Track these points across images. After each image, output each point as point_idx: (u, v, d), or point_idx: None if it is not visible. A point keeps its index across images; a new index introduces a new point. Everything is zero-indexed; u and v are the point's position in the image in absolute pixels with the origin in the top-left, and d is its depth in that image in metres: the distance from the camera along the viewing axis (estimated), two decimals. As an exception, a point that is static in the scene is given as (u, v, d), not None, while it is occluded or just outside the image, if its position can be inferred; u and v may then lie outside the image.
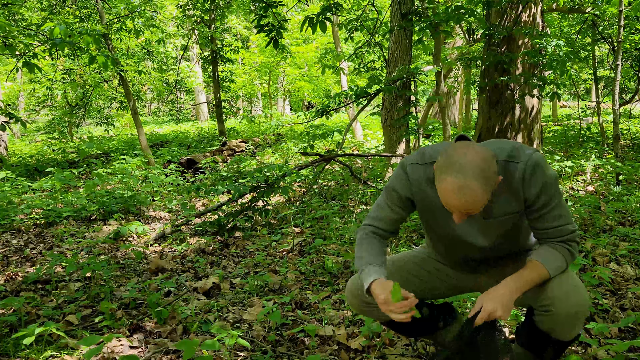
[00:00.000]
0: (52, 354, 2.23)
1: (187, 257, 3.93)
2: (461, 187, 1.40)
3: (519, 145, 1.58)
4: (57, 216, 5.05)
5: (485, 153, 1.43)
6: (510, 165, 1.55)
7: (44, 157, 10.44)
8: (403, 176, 1.69)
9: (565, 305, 1.54)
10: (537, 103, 5.95)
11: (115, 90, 11.95)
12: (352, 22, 6.69)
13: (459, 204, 1.42)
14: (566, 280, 1.57)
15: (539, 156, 1.55)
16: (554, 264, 1.57)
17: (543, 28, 5.91)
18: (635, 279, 2.90)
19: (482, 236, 1.67)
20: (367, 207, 4.91)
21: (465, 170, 1.40)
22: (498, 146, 1.59)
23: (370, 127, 13.72)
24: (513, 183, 1.56)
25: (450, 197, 1.42)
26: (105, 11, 9.13)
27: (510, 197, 1.58)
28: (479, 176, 1.40)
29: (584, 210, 4.12)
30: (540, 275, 1.56)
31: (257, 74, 18.08)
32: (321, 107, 5.69)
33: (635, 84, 9.02)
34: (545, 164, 1.55)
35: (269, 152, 9.78)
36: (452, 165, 1.42)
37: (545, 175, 1.53)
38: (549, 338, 1.62)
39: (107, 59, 4.50)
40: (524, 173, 1.53)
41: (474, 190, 1.40)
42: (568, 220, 1.59)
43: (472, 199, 1.40)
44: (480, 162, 1.41)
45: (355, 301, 1.89)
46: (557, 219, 1.58)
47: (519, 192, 1.56)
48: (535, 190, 1.54)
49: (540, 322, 1.61)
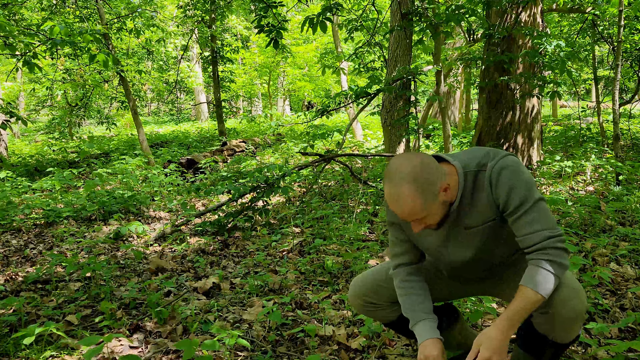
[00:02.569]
0: (52, 354, 2.23)
1: (187, 257, 3.93)
2: (392, 194, 1.46)
3: (492, 151, 1.57)
4: (57, 216, 5.05)
5: (423, 159, 1.48)
6: (480, 174, 1.56)
7: (44, 157, 10.44)
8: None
9: (563, 307, 1.53)
10: (537, 103, 5.95)
11: (115, 90, 11.96)
12: (352, 22, 6.69)
13: (399, 211, 1.48)
14: (565, 283, 1.54)
15: (510, 160, 1.53)
16: (546, 285, 1.46)
17: (543, 28, 5.91)
18: (635, 279, 2.90)
19: (463, 248, 1.67)
20: (367, 207, 4.91)
21: (395, 178, 1.46)
22: (470, 156, 1.59)
23: (370, 127, 13.72)
24: (484, 190, 1.56)
25: (390, 205, 1.48)
26: (105, 11, 9.13)
27: (485, 205, 1.57)
28: (410, 182, 1.44)
29: (584, 210, 4.12)
30: (533, 301, 1.47)
31: (257, 74, 18.08)
32: (321, 107, 5.69)
33: (635, 84, 9.02)
34: (516, 167, 1.52)
35: (269, 152, 9.78)
36: (387, 175, 1.49)
37: (513, 177, 1.50)
38: (547, 340, 1.62)
39: (108, 57, 4.50)
40: (490, 178, 1.53)
41: (406, 196, 1.44)
42: (546, 225, 1.49)
43: (406, 205, 1.45)
44: (411, 168, 1.45)
45: (358, 301, 1.89)
46: (532, 223, 1.49)
47: (489, 198, 1.56)
48: (502, 193, 1.51)
49: (538, 324, 1.61)
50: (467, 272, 1.76)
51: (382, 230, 4.15)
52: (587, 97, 20.57)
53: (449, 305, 2.01)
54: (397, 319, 1.92)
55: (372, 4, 6.67)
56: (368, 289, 1.87)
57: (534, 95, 5.70)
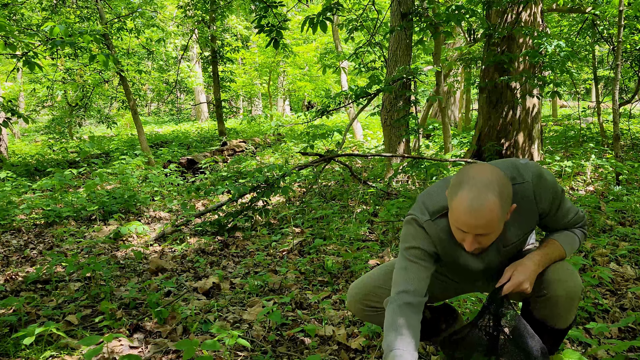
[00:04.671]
0: (52, 354, 2.23)
1: (187, 257, 3.93)
2: (474, 200, 1.34)
3: (513, 164, 1.56)
4: (57, 216, 5.05)
5: (501, 173, 1.42)
6: (516, 187, 1.53)
7: (44, 157, 10.44)
8: (422, 233, 1.59)
9: (559, 287, 1.57)
10: (537, 102, 5.95)
11: (115, 90, 11.96)
12: (352, 22, 6.69)
13: (473, 220, 1.36)
14: (560, 266, 1.61)
15: (537, 167, 1.56)
16: (570, 247, 1.65)
17: (543, 28, 5.91)
18: (635, 279, 2.90)
19: (497, 264, 1.67)
20: (367, 207, 4.91)
21: (478, 185, 1.36)
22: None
23: (370, 127, 13.72)
24: (524, 204, 1.54)
25: (464, 213, 1.36)
26: (106, 11, 9.13)
27: (523, 219, 1.58)
28: (495, 191, 1.36)
29: (584, 210, 4.12)
30: (560, 254, 1.62)
31: (257, 73, 18.08)
32: (321, 107, 5.69)
33: (635, 84, 9.02)
34: (544, 170, 1.56)
35: (269, 152, 9.78)
36: (467, 181, 1.38)
37: (549, 182, 1.55)
38: (546, 326, 1.65)
39: (108, 58, 4.50)
40: (534, 191, 1.53)
41: (489, 205, 1.34)
42: (575, 208, 1.67)
43: (485, 215, 1.34)
44: (496, 178, 1.38)
45: (358, 306, 1.89)
46: (568, 212, 1.65)
47: (532, 210, 1.56)
48: (547, 200, 1.56)
49: (535, 309, 1.64)
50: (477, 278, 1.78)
51: (382, 230, 4.15)
52: (587, 97, 20.58)
53: (447, 306, 2.01)
54: None
55: (372, 4, 6.68)
56: (367, 293, 1.87)
57: (534, 95, 5.70)
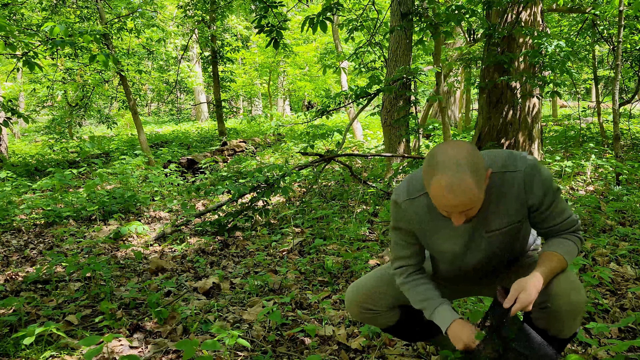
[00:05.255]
0: (52, 354, 2.23)
1: (187, 257, 3.93)
2: (451, 182, 1.37)
3: (510, 153, 1.57)
4: (57, 216, 5.05)
5: (467, 146, 1.43)
6: (507, 175, 1.54)
7: (44, 157, 10.44)
8: (401, 213, 1.68)
9: (562, 302, 1.54)
10: (537, 102, 5.95)
11: (115, 90, 11.96)
12: (352, 22, 6.69)
13: (457, 201, 1.39)
14: (564, 278, 1.56)
15: (534, 159, 1.55)
16: (570, 257, 1.60)
17: (543, 28, 5.91)
18: (635, 279, 2.90)
19: (481, 252, 1.67)
20: (367, 207, 4.91)
21: (453, 167, 1.38)
22: (492, 157, 1.58)
23: (370, 127, 13.72)
24: (513, 192, 1.55)
25: (445, 196, 1.39)
26: (106, 11, 9.13)
27: (511, 207, 1.57)
28: (467, 168, 1.38)
29: (584, 210, 4.12)
30: (562, 266, 1.58)
31: (257, 73, 18.08)
32: (321, 107, 5.69)
33: (635, 84, 9.01)
34: (540, 165, 1.56)
35: (269, 152, 9.78)
36: (438, 165, 1.40)
37: (543, 175, 1.54)
38: (546, 336, 1.63)
39: (108, 58, 4.50)
40: (524, 180, 1.53)
41: (466, 182, 1.37)
42: (570, 211, 1.64)
43: (466, 192, 1.38)
44: (465, 154, 1.40)
45: (356, 309, 1.88)
46: (561, 213, 1.61)
47: (520, 200, 1.56)
48: (539, 194, 1.55)
49: (537, 319, 1.61)
50: (472, 274, 1.77)
51: (382, 230, 4.15)
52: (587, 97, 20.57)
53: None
54: (395, 324, 1.91)
55: (372, 3, 6.67)
56: (365, 296, 1.86)
57: (534, 95, 5.70)
